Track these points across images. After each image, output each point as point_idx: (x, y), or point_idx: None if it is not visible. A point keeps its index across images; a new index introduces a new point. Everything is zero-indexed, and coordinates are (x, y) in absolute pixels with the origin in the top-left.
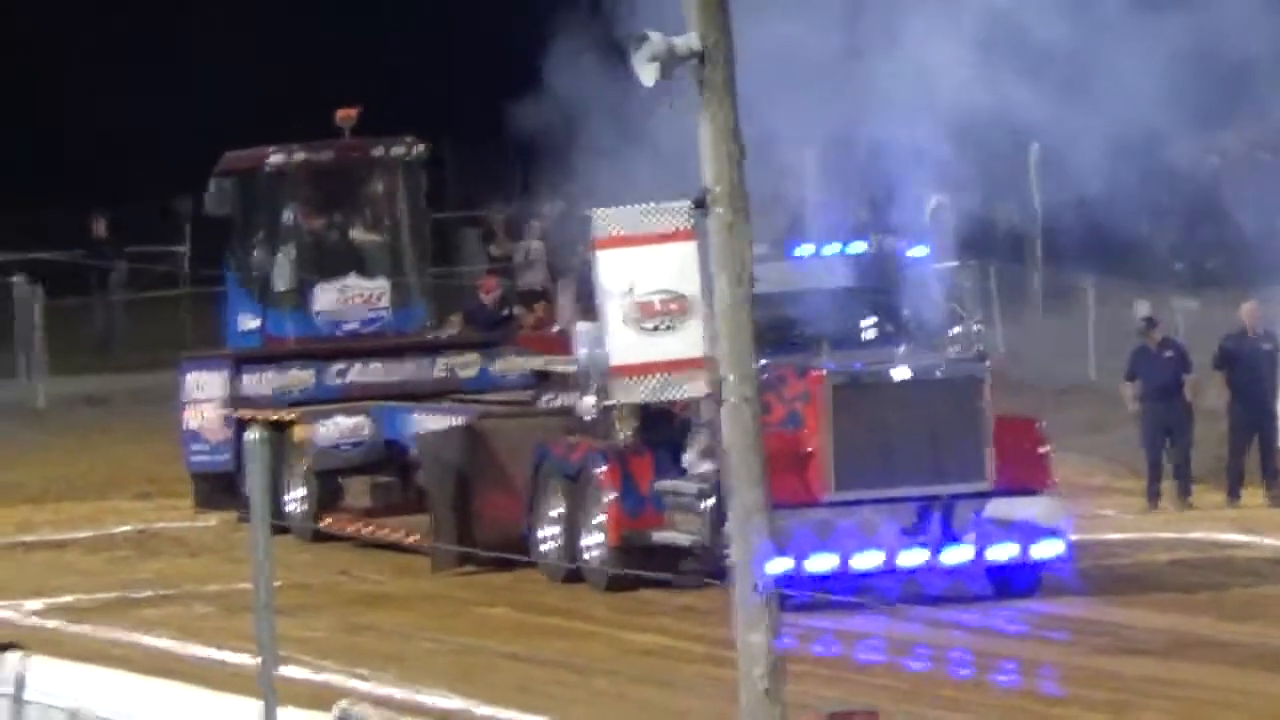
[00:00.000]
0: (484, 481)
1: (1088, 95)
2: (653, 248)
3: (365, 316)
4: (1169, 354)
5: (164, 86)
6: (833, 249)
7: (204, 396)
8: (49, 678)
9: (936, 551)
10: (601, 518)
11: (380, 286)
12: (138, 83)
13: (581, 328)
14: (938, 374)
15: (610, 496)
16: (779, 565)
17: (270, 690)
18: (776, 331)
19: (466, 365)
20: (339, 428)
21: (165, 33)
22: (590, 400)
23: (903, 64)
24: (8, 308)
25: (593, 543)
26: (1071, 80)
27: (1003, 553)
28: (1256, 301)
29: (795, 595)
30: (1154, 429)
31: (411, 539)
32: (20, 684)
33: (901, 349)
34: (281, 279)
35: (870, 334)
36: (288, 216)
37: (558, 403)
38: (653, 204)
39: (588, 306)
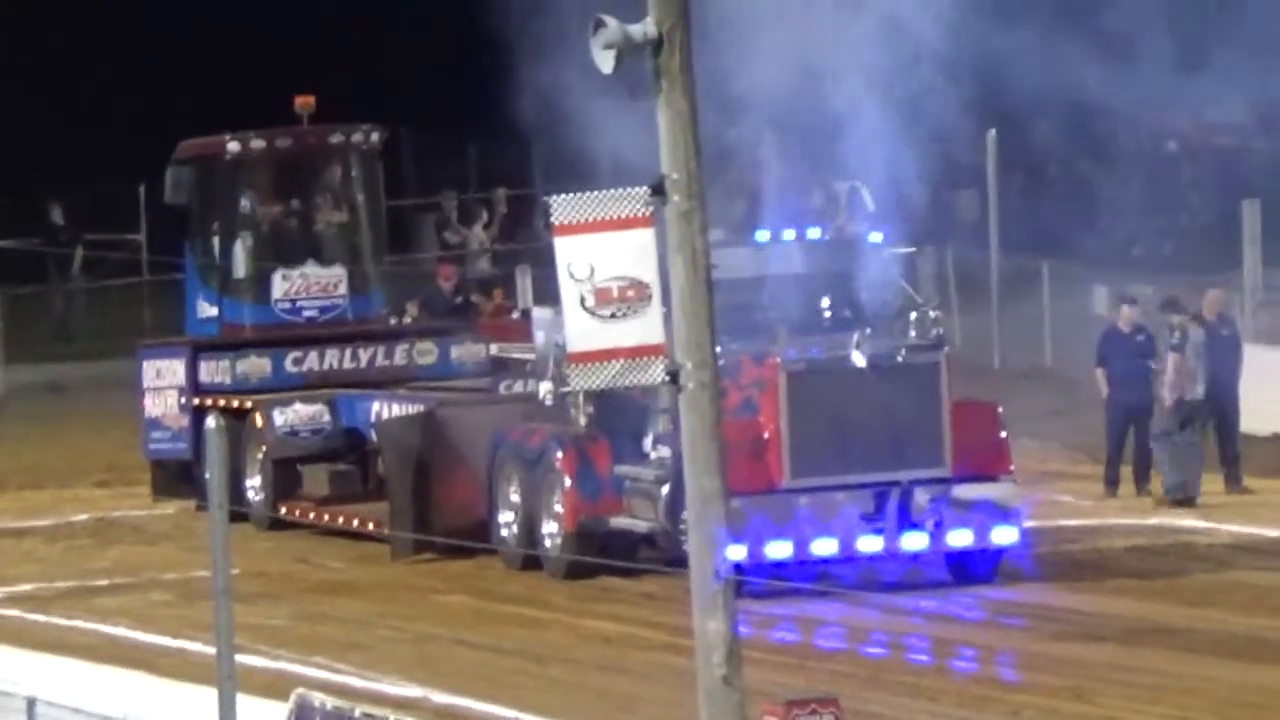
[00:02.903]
0: (443, 469)
1: (1046, 79)
2: (611, 234)
3: (323, 304)
4: (1140, 338)
5: (119, 71)
6: (790, 234)
7: (163, 384)
8: (7, 666)
9: (894, 538)
10: (559, 504)
11: (338, 274)
12: (94, 67)
13: (539, 314)
14: (895, 360)
15: (568, 482)
16: (736, 552)
17: (228, 678)
18: (734, 317)
19: (425, 352)
20: (298, 415)
21: (122, 15)
22: (548, 386)
23: (856, 45)
24: None
25: (551, 529)
26: (1029, 64)
27: (961, 539)
28: (1221, 290)
29: (753, 582)
30: (1118, 415)
31: (370, 526)
32: None
33: (859, 335)
34: (239, 267)
35: (828, 320)
36: (245, 204)
37: (516, 389)
38: (610, 190)
39: (545, 293)
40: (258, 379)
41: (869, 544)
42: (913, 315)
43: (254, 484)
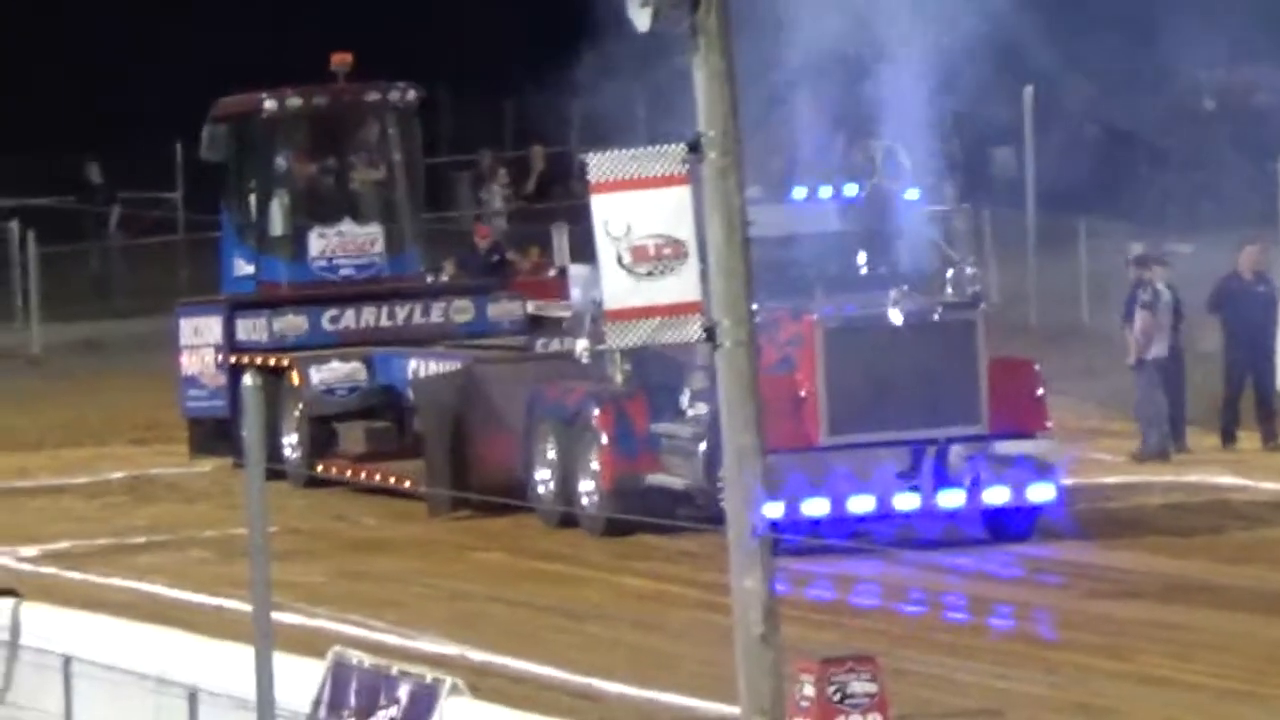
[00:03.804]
0: (479, 426)
1: (1083, 35)
2: (647, 192)
3: (360, 262)
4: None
5: (159, 30)
6: (827, 192)
7: (200, 342)
8: (44, 624)
9: (931, 495)
10: (596, 462)
11: (375, 232)
12: (133, 26)
13: (575, 272)
14: (932, 317)
15: (605, 440)
16: (773, 509)
17: (264, 636)
18: (771, 275)
19: (461, 310)
20: (334, 373)
21: None
22: (585, 344)
23: (892, 2)
24: (2, 253)
25: (588, 487)
26: (1066, 20)
27: (998, 496)
28: (1259, 246)
29: (790, 539)
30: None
31: (407, 484)
32: (15, 630)
33: (896, 292)
34: (276, 224)
35: (865, 277)
36: (282, 162)
37: (553, 347)
38: (647, 147)
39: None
40: (294, 337)
41: (906, 501)
42: (949, 273)
43: (290, 441)
